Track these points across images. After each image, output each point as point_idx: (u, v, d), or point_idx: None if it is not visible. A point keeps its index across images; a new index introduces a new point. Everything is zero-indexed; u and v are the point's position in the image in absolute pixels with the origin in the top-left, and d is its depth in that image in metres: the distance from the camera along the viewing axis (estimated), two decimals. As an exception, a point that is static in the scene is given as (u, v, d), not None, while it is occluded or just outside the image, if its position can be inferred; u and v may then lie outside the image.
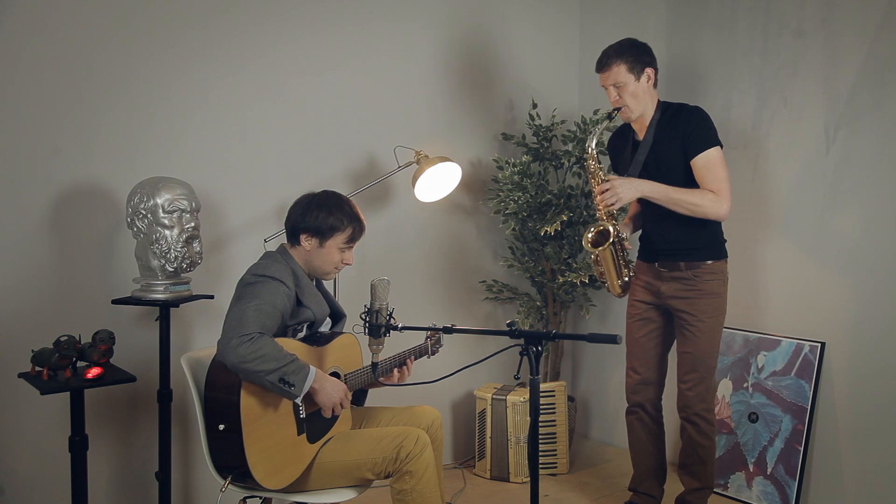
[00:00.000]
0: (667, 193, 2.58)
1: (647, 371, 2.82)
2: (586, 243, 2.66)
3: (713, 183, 2.58)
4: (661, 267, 2.72)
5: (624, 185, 2.57)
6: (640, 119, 2.70)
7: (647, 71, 2.65)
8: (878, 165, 2.81)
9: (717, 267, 2.68)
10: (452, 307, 3.65)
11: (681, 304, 2.69)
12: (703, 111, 2.66)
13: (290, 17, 3.10)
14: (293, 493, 2.23)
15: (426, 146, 3.28)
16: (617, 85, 2.63)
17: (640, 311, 2.81)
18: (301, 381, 2.07)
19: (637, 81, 2.63)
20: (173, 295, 2.54)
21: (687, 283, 2.67)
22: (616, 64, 2.62)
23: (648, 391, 2.83)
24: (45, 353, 2.29)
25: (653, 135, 2.67)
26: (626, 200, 2.59)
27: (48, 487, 2.63)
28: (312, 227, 2.29)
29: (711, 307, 2.66)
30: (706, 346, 2.68)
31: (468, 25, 3.63)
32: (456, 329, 2.05)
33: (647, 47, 2.68)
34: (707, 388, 2.70)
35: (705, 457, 2.72)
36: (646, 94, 2.66)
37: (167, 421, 2.63)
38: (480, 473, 3.45)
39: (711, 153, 2.58)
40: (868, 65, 2.82)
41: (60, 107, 2.63)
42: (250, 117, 3.02)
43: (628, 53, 2.63)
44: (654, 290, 2.76)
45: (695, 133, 2.59)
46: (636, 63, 2.63)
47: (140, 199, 2.47)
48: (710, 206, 2.57)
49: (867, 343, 2.84)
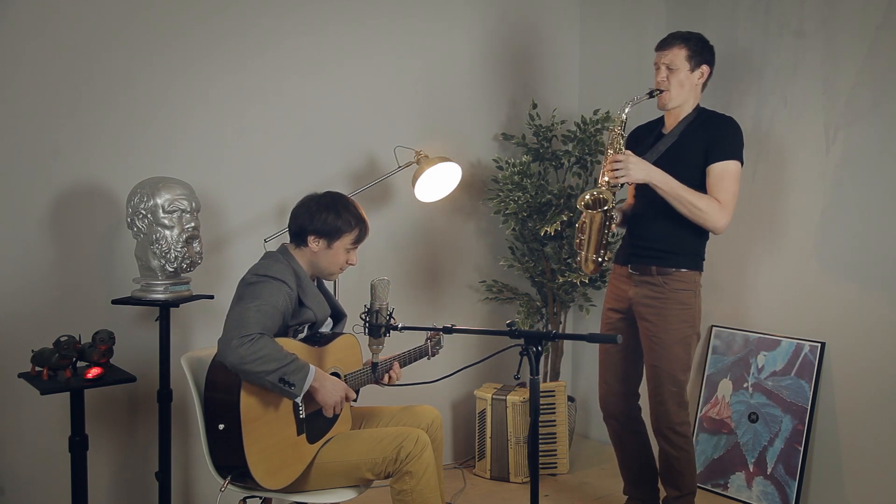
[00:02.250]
0: (674, 187, 2.52)
1: (617, 383, 2.79)
2: (580, 202, 2.58)
3: (722, 193, 2.54)
4: (633, 270, 2.67)
5: (638, 164, 2.52)
6: (674, 112, 2.66)
7: (702, 67, 2.62)
8: (878, 165, 2.81)
9: (688, 277, 2.61)
10: (452, 307, 3.65)
11: (647, 311, 2.63)
12: (737, 124, 2.62)
13: (290, 17, 3.10)
14: (293, 493, 2.23)
15: (426, 146, 3.28)
16: (670, 67, 2.59)
17: (610, 322, 2.78)
18: (301, 380, 2.07)
19: (690, 72, 2.60)
20: (173, 295, 2.54)
21: (656, 289, 2.61)
22: (678, 46, 2.60)
23: (621, 402, 2.80)
24: (45, 353, 2.29)
25: (680, 132, 2.64)
26: (633, 178, 2.52)
27: (48, 487, 2.63)
28: (321, 228, 2.29)
29: (678, 318, 2.60)
30: (674, 360, 2.61)
31: (468, 25, 3.63)
32: (456, 329, 2.05)
33: (713, 49, 2.65)
34: (678, 403, 2.64)
35: (681, 467, 2.68)
36: (692, 89, 2.63)
37: (167, 421, 2.63)
38: (480, 473, 3.45)
39: (730, 165, 2.55)
40: (868, 65, 2.82)
41: (60, 107, 2.64)
42: (250, 117, 3.02)
43: (694, 42, 2.61)
44: (622, 296, 2.71)
45: (721, 141, 2.56)
46: (697, 54, 2.60)
47: (140, 199, 2.47)
48: (712, 213, 2.52)
49: (867, 343, 2.84)
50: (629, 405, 2.82)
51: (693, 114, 2.66)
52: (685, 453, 2.68)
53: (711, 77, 2.67)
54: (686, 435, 2.68)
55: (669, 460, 2.69)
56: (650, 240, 2.65)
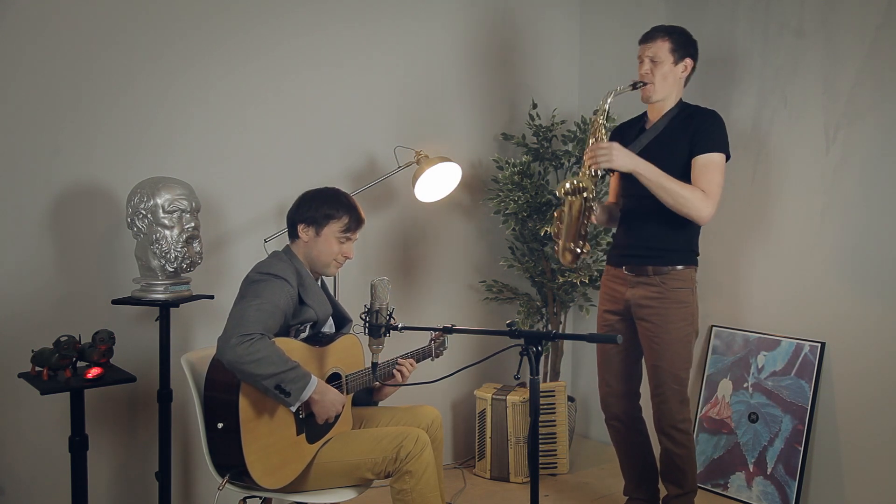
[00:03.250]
0: (658, 176, 2.50)
1: (617, 383, 2.79)
2: (560, 188, 2.56)
3: (706, 184, 2.53)
4: (628, 271, 2.67)
5: (621, 152, 2.50)
6: (657, 106, 2.66)
7: (686, 60, 2.63)
8: (878, 165, 2.81)
9: (684, 274, 2.61)
10: (452, 307, 3.65)
11: (646, 312, 2.63)
12: (721, 117, 2.62)
13: (290, 17, 3.10)
14: (293, 493, 2.23)
15: (426, 146, 3.28)
16: (654, 60, 2.60)
17: (608, 324, 2.77)
18: (299, 390, 2.07)
19: (674, 65, 2.61)
20: (173, 295, 2.54)
21: (653, 289, 2.61)
22: (662, 39, 2.60)
23: (622, 403, 2.80)
24: (45, 353, 2.29)
25: (664, 125, 2.64)
26: (616, 166, 2.50)
27: (48, 487, 2.63)
28: (308, 216, 2.31)
29: (678, 317, 2.60)
30: (675, 359, 2.61)
31: (468, 25, 3.63)
32: (456, 329, 2.05)
33: (696, 43, 2.66)
34: (680, 401, 2.64)
35: (683, 465, 2.69)
36: (675, 82, 2.63)
37: (167, 421, 2.63)
38: (480, 473, 3.45)
39: (714, 157, 2.55)
40: (868, 65, 2.82)
41: (60, 107, 2.64)
42: (250, 117, 3.02)
43: (677, 35, 2.62)
44: (618, 297, 2.70)
45: (706, 134, 2.56)
46: (680, 47, 2.61)
47: (140, 199, 2.47)
48: (696, 202, 2.49)
49: (867, 343, 2.84)
50: (631, 405, 2.82)
51: (676, 108, 2.66)
52: (687, 451, 2.69)
53: (695, 72, 2.67)
54: (688, 432, 2.69)
55: (672, 458, 2.69)
56: (642, 239, 2.65)
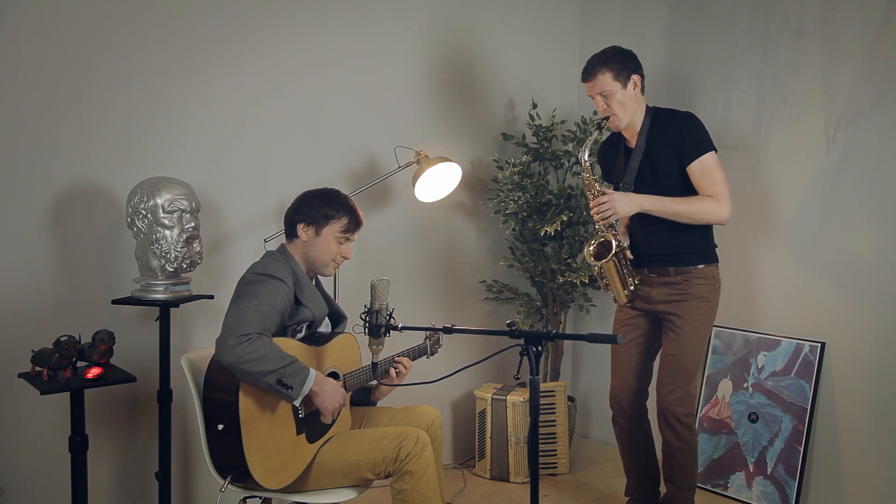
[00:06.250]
0: (667, 206, 2.56)
1: (629, 378, 2.80)
2: (588, 257, 2.64)
3: (711, 188, 2.56)
4: (651, 272, 2.70)
5: (622, 200, 2.56)
6: (629, 126, 2.67)
7: (633, 78, 2.61)
8: (878, 165, 2.81)
9: (707, 272, 2.65)
10: (452, 307, 3.65)
11: (669, 307, 2.66)
12: (695, 117, 2.63)
13: (290, 17, 3.10)
14: (293, 493, 2.23)
15: (426, 146, 3.28)
16: (604, 94, 2.60)
17: (627, 317, 2.79)
18: (300, 383, 2.07)
19: (624, 89, 2.60)
20: (173, 295, 2.54)
21: (677, 287, 2.65)
22: (601, 72, 2.59)
23: (631, 398, 2.81)
24: (45, 353, 2.29)
25: (645, 140, 2.64)
26: (623, 214, 2.57)
27: (48, 487, 2.63)
28: (308, 216, 2.31)
29: (699, 311, 2.64)
30: (690, 350, 2.64)
31: (469, 25, 3.63)
32: (456, 329, 2.05)
33: (631, 54, 2.64)
34: (686, 393, 2.66)
35: (684, 460, 2.70)
36: (633, 102, 2.63)
37: (167, 421, 2.63)
38: (480, 473, 3.45)
39: (706, 159, 2.56)
40: (868, 65, 2.82)
41: (60, 107, 2.64)
42: (250, 117, 3.02)
43: (613, 61, 2.59)
44: (643, 296, 2.73)
45: (688, 140, 2.57)
46: (622, 70, 2.59)
47: (140, 199, 2.47)
48: (712, 211, 2.56)
49: (867, 343, 2.84)
50: (639, 402, 2.83)
51: (648, 118, 2.66)
52: (689, 446, 2.70)
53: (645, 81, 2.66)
54: (691, 427, 2.70)
55: (673, 453, 2.70)
56: (660, 247, 2.67)
